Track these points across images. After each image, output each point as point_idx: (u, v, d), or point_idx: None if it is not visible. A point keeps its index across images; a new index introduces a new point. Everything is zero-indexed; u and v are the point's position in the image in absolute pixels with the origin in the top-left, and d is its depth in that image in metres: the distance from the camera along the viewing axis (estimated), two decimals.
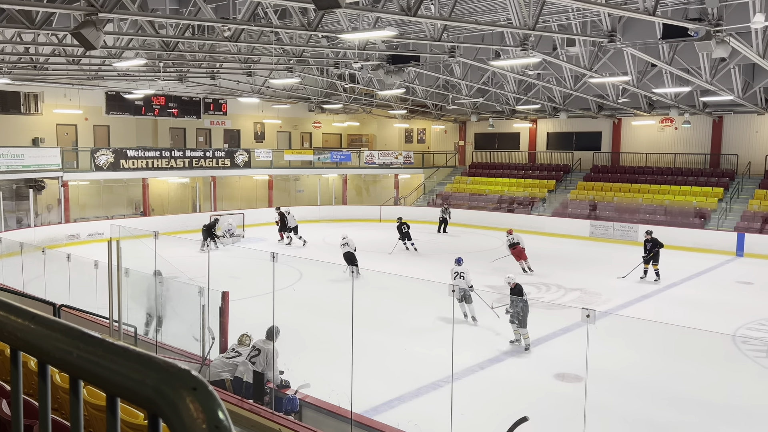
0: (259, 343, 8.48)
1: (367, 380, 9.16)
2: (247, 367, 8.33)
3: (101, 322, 9.90)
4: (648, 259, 17.50)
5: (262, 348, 8.32)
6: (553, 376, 10.07)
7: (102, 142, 28.54)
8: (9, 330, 1.02)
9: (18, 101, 25.61)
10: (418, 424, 7.76)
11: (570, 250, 23.02)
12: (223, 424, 0.79)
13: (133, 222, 23.94)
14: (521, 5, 12.45)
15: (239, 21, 13.18)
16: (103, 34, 10.31)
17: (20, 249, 14.44)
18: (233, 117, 32.99)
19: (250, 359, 8.34)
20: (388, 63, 18.39)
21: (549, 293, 15.97)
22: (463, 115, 34.14)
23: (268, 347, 8.30)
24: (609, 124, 31.08)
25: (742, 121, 27.23)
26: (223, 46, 17.76)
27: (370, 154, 34.11)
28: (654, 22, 13.51)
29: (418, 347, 11.22)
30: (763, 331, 13.06)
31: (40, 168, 23.45)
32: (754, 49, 14.46)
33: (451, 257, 21.06)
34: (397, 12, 11.18)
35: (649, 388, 9.70)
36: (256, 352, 8.35)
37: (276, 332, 8.53)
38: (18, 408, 1.06)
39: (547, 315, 14.18)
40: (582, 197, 28.44)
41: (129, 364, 0.87)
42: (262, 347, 8.33)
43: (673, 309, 14.34)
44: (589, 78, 19.21)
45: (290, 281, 15.52)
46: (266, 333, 8.58)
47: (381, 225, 29.82)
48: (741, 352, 11.65)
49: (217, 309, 9.57)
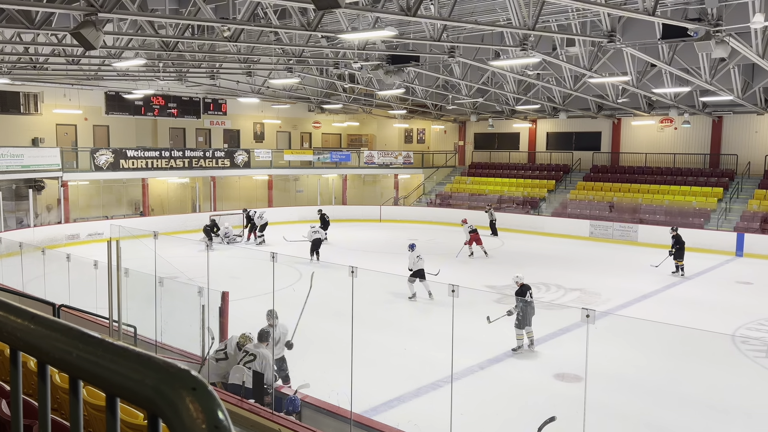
0: (251, 347, 8.17)
1: (367, 380, 9.15)
2: (242, 373, 8.12)
3: (101, 322, 9.90)
4: (674, 254, 18.44)
5: (257, 353, 8.13)
6: (553, 376, 10.07)
7: (102, 142, 28.54)
8: (9, 330, 1.02)
9: (17, 101, 25.61)
10: (418, 424, 7.76)
11: (570, 250, 23.02)
12: (222, 424, 0.79)
13: (132, 222, 23.95)
14: (521, 5, 12.45)
15: (239, 21, 13.18)
16: (102, 34, 10.31)
17: (20, 249, 14.44)
18: (233, 117, 32.99)
19: (245, 364, 8.15)
20: (388, 63, 18.38)
21: (549, 293, 15.97)
22: (462, 115, 34.14)
23: (263, 352, 8.12)
24: (609, 124, 31.09)
25: (741, 121, 27.24)
26: (223, 46, 17.76)
27: (369, 154, 34.11)
28: (654, 22, 13.51)
29: (418, 347, 11.23)
30: (762, 331, 13.06)
31: (40, 168, 23.45)
32: (753, 49, 14.47)
33: (451, 257, 21.14)
34: (397, 12, 11.18)
35: (648, 388, 9.70)
36: (251, 357, 8.13)
37: (276, 330, 8.46)
38: (18, 408, 1.06)
39: (547, 315, 14.17)
40: (582, 197, 28.45)
41: (128, 364, 0.86)
42: (256, 352, 8.11)
43: (673, 309, 14.35)
44: (588, 78, 19.22)
45: (290, 281, 15.52)
46: (258, 336, 8.35)
47: (381, 225, 29.83)
48: (741, 352, 11.65)
49: (216, 309, 9.57)
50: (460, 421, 7.79)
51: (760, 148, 26.86)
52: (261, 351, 8.10)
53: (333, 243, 22.92)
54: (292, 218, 29.23)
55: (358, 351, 7.35)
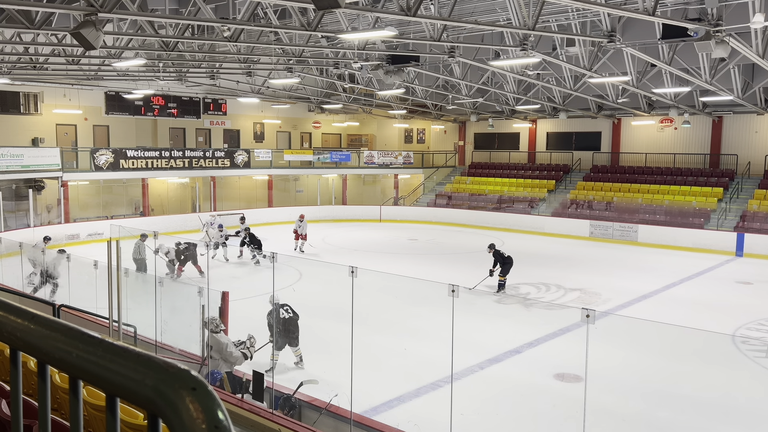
0: None
1: (367, 380, 9.15)
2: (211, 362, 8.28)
3: (101, 322, 9.90)
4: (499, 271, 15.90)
5: (212, 343, 8.29)
6: (552, 376, 10.07)
7: (101, 142, 28.55)
8: (9, 330, 1.02)
9: (17, 101, 25.61)
10: (418, 424, 7.76)
11: (570, 250, 23.02)
12: (222, 424, 0.79)
13: (132, 222, 23.96)
14: (521, 5, 12.45)
15: (239, 21, 13.17)
16: (102, 34, 10.31)
17: (20, 249, 14.45)
18: (233, 117, 32.99)
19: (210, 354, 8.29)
20: (388, 63, 18.38)
21: (549, 293, 15.97)
22: (462, 115, 34.15)
23: (216, 341, 8.28)
24: (609, 124, 31.10)
25: (741, 121, 27.25)
26: (223, 46, 17.76)
27: (369, 154, 34.11)
28: (654, 22, 13.51)
29: (418, 347, 11.22)
30: (762, 331, 13.06)
31: (40, 168, 23.45)
32: (753, 49, 14.47)
33: (451, 257, 21.17)
34: (397, 12, 11.17)
35: (648, 388, 9.70)
36: (209, 348, 8.33)
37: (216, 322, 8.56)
38: (18, 408, 1.06)
39: (547, 315, 14.19)
40: (582, 197, 28.46)
41: (128, 364, 0.87)
42: (211, 342, 8.32)
43: (673, 309, 14.35)
44: (588, 78, 19.21)
45: (290, 281, 15.53)
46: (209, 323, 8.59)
47: (381, 225, 29.83)
48: (741, 352, 11.65)
49: (216, 309, 9.57)
50: (460, 421, 7.79)
51: (760, 148, 26.87)
52: (213, 339, 8.24)
53: (333, 243, 22.92)
54: (291, 218, 29.19)
55: (358, 351, 7.35)
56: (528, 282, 16.77)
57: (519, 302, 15.31)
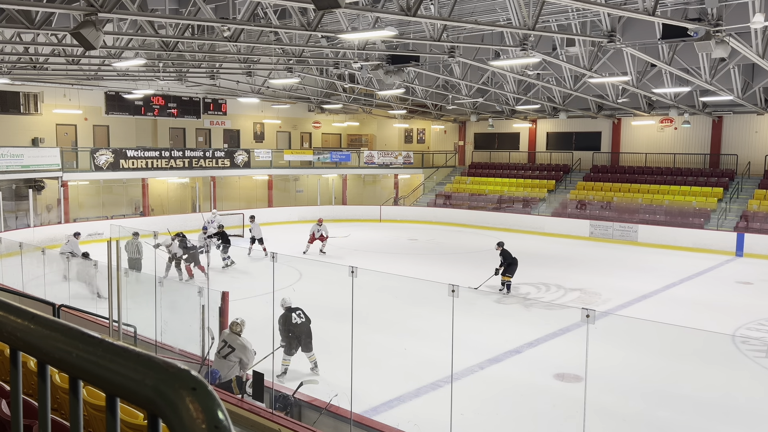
0: (226, 333, 8.45)
1: (367, 380, 9.15)
2: (220, 363, 8.26)
3: (101, 322, 9.90)
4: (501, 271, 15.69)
5: (236, 346, 8.26)
6: (552, 376, 10.07)
7: (101, 142, 28.54)
8: (9, 330, 1.02)
9: (17, 101, 25.60)
10: (418, 425, 7.76)
11: (570, 250, 23.03)
12: (222, 424, 0.79)
13: (132, 222, 23.93)
14: (521, 5, 12.45)
15: (239, 21, 13.17)
16: (102, 34, 10.31)
17: (20, 249, 14.44)
18: (233, 117, 32.99)
19: (224, 355, 8.24)
20: (388, 63, 18.39)
21: (549, 293, 15.97)
22: (462, 115, 34.14)
23: (241, 344, 8.25)
24: (609, 124, 31.09)
25: (741, 121, 27.25)
26: (223, 46, 17.76)
27: (369, 154, 34.11)
28: (654, 22, 13.51)
29: (418, 347, 11.23)
30: (762, 331, 13.06)
31: (40, 168, 23.45)
32: (753, 49, 14.47)
33: (451, 257, 21.18)
34: (397, 12, 11.17)
35: (648, 388, 9.70)
36: (230, 349, 8.30)
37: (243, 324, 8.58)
38: (17, 408, 1.06)
39: (547, 315, 14.19)
40: (582, 197, 28.46)
41: (128, 364, 0.86)
42: (234, 344, 8.27)
43: (672, 309, 14.35)
44: (588, 78, 19.22)
45: (290, 281, 15.52)
46: (231, 326, 8.58)
47: (381, 225, 29.84)
48: (741, 352, 11.65)
49: (216, 309, 9.57)
50: (460, 421, 7.79)
51: (760, 148, 26.87)
52: (236, 342, 8.24)
53: (333, 243, 22.89)
54: (291, 218, 29.26)
55: (358, 351, 7.35)
56: (528, 282, 16.76)
57: (519, 302, 15.31)
